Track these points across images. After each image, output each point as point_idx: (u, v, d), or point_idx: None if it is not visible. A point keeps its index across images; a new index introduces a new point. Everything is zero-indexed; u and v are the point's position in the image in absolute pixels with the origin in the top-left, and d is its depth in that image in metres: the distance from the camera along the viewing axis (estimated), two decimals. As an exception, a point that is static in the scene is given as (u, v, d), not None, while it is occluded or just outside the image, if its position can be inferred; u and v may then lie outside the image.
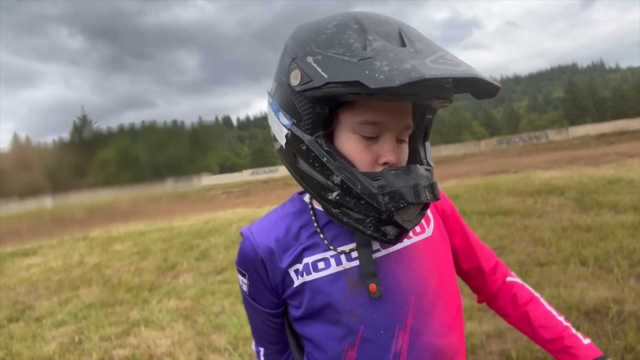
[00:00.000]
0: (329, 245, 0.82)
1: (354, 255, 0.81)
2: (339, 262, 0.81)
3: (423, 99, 0.73)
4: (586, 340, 0.91)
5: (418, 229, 0.87)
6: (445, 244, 0.92)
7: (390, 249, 0.82)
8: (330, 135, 0.75)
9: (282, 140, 0.77)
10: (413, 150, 0.83)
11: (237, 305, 4.23)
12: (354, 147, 0.74)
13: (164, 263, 6.55)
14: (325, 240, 0.82)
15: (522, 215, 6.19)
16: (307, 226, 0.85)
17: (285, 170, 1.00)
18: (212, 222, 10.20)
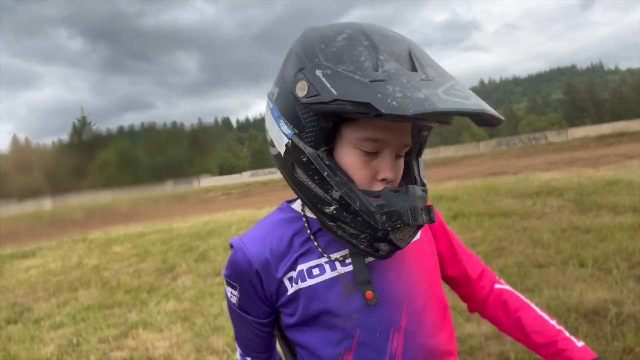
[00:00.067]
0: (323, 253, 0.82)
1: (347, 260, 0.82)
2: (334, 268, 0.82)
3: (427, 122, 0.75)
4: (580, 343, 0.91)
5: None
6: (432, 248, 0.94)
7: None
8: (330, 148, 0.75)
9: (281, 148, 0.77)
10: (407, 165, 0.84)
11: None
12: (354, 161, 0.74)
13: (163, 265, 6.54)
14: (319, 248, 0.83)
15: (521, 217, 6.20)
16: (300, 233, 0.85)
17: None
18: (212, 224, 10.20)
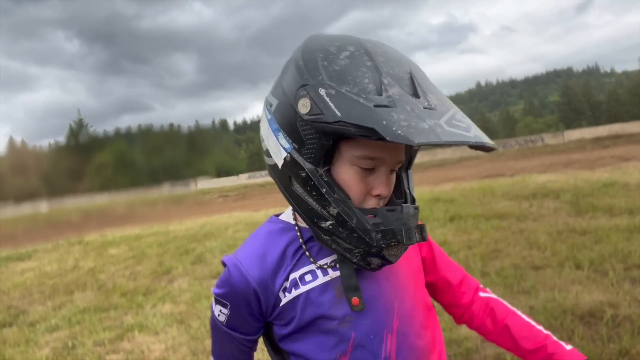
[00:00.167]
0: (314, 262, 0.84)
1: (338, 265, 0.83)
2: (326, 273, 0.83)
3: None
4: (568, 346, 0.92)
5: None
6: (416, 253, 0.97)
7: None
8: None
9: (278, 161, 0.78)
10: (397, 179, 0.86)
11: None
12: (351, 178, 0.76)
13: (159, 267, 6.52)
14: (310, 258, 0.84)
15: (518, 219, 6.21)
16: (292, 243, 0.86)
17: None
18: (208, 226, 10.18)
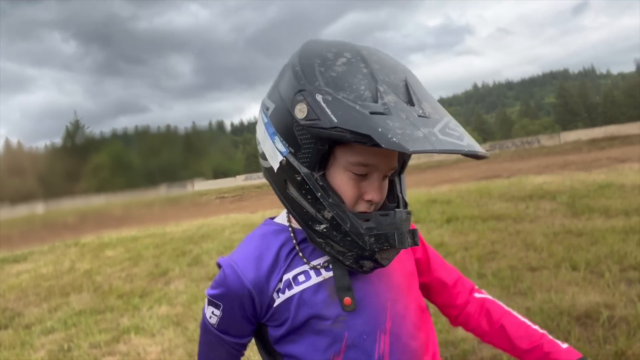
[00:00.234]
0: (307, 263, 0.85)
1: (331, 265, 0.84)
2: (319, 274, 0.84)
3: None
4: (564, 345, 0.93)
5: None
6: (409, 255, 0.97)
7: None
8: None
9: (274, 164, 0.80)
10: (390, 183, 0.88)
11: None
12: (345, 183, 0.78)
13: (156, 269, 6.51)
14: (304, 259, 0.85)
15: (514, 220, 6.22)
16: (286, 243, 0.87)
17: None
18: (205, 228, 10.16)
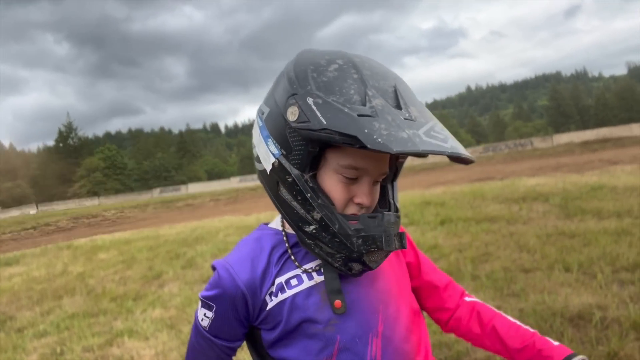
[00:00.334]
0: (299, 266, 0.86)
1: (322, 269, 0.86)
2: (311, 278, 0.85)
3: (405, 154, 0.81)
4: (556, 343, 0.93)
5: None
6: (400, 259, 0.99)
7: None
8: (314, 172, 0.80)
9: (267, 166, 0.81)
10: (382, 189, 0.89)
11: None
12: (335, 185, 0.79)
13: (150, 272, 6.47)
14: (295, 262, 0.86)
15: (508, 222, 6.25)
16: (278, 246, 0.88)
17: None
18: (199, 230, 10.12)
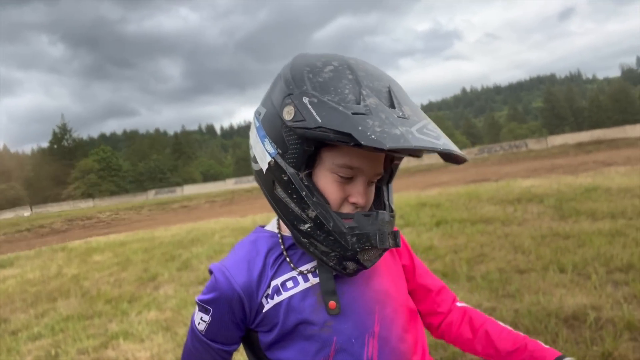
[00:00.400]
0: (295, 268, 0.87)
1: (317, 271, 0.86)
2: (307, 280, 0.86)
3: (399, 153, 0.82)
4: (546, 346, 0.95)
5: None
6: (396, 261, 1.00)
7: None
8: (310, 171, 0.80)
9: (263, 165, 0.82)
10: (378, 191, 0.90)
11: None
12: (330, 184, 0.80)
13: (145, 274, 6.44)
14: (291, 264, 0.87)
15: (503, 223, 6.28)
16: (274, 249, 0.89)
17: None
18: (195, 232, 10.10)
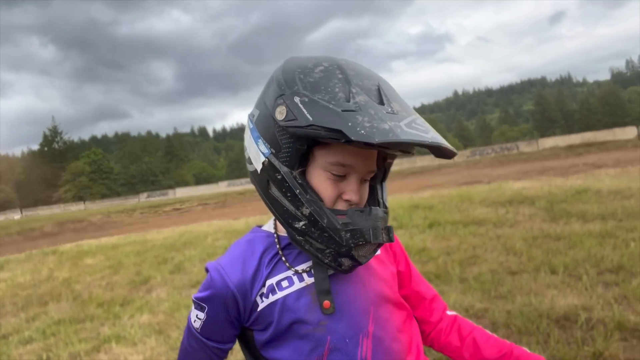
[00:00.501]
0: (290, 267, 0.88)
1: (313, 271, 0.87)
2: (302, 279, 0.87)
3: (390, 150, 0.84)
4: (529, 351, 0.97)
5: None
6: (392, 265, 1.01)
7: None
8: (303, 169, 0.81)
9: (257, 166, 0.84)
10: (372, 189, 0.91)
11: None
12: (323, 182, 0.81)
13: (137, 277, 6.40)
14: (286, 263, 0.88)
15: (495, 225, 6.32)
16: (270, 248, 0.90)
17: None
18: (187, 235, 10.05)
